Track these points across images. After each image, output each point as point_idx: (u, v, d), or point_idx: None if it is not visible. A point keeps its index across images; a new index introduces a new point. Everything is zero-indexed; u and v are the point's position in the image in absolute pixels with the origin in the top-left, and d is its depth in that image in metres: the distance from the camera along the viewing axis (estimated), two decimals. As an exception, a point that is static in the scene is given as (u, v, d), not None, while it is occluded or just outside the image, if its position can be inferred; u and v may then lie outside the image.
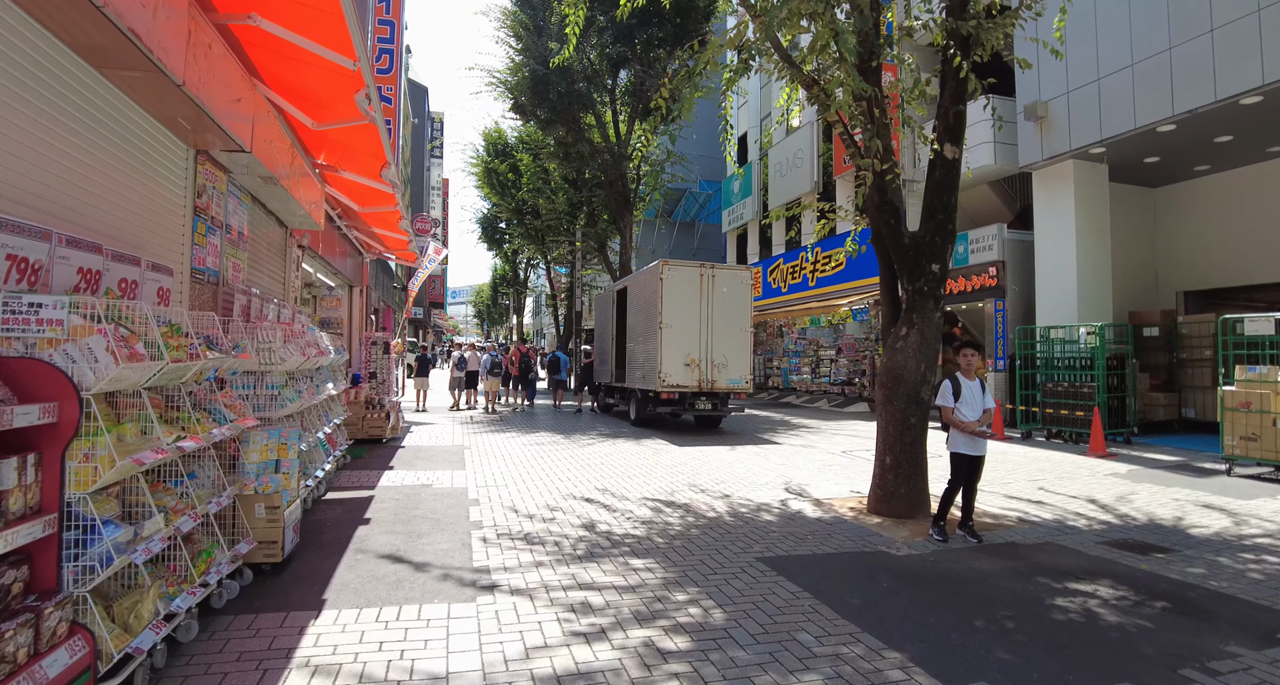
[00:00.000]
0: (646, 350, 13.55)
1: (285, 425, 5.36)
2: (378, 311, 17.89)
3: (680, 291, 12.96)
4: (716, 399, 13.30)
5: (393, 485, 7.68)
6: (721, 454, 10.53)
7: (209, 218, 5.41)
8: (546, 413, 17.21)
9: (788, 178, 23.32)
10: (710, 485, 8.03)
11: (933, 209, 6.88)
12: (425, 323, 46.40)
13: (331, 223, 11.11)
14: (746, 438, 12.67)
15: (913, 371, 6.79)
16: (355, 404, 10.61)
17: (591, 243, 23.53)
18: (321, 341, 7.61)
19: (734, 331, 13.27)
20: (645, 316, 13.72)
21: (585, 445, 11.23)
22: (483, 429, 13.31)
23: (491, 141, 28.62)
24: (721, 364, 13.12)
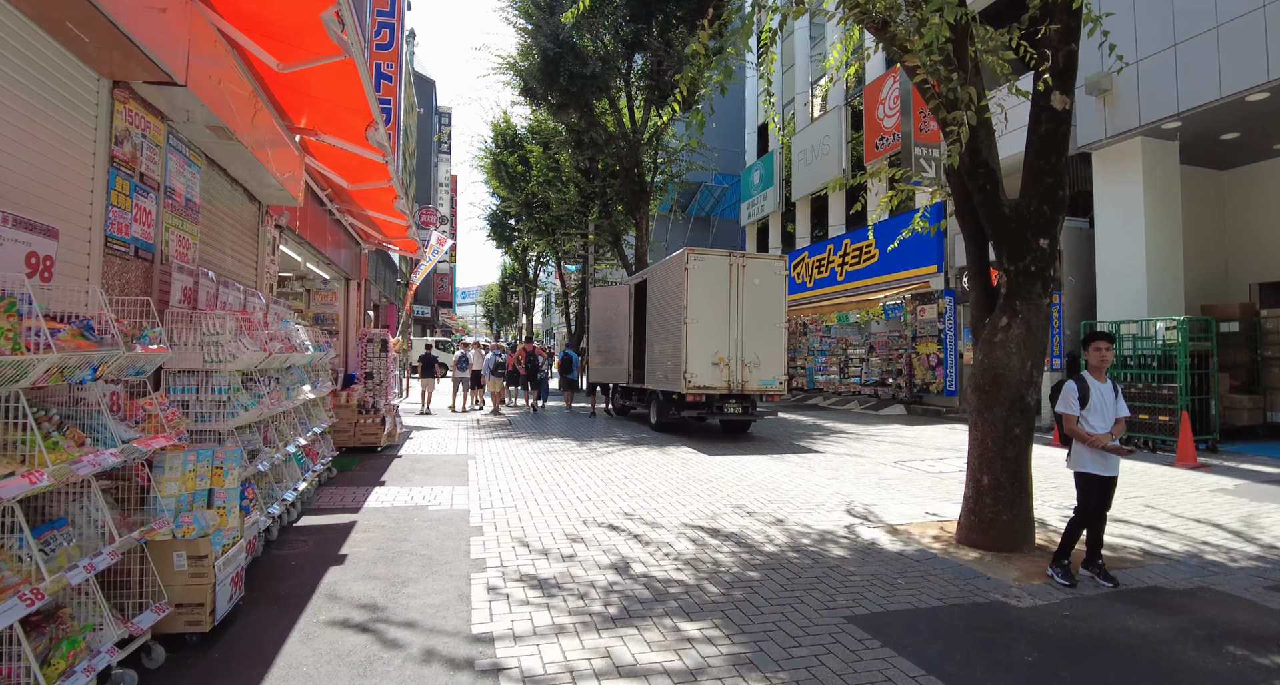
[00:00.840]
0: (669, 349, 12.31)
1: (229, 441, 4.15)
2: (378, 307, 16.72)
3: (707, 283, 11.71)
4: (746, 402, 12.03)
5: (381, 506, 6.46)
6: (760, 465, 9.26)
7: (136, 174, 4.21)
8: (558, 415, 15.99)
9: (813, 166, 22.02)
10: (758, 507, 6.77)
11: (1038, 172, 5.60)
12: (433, 322, 45.32)
13: (321, 206, 9.95)
14: (782, 445, 11.40)
15: (1016, 371, 5.51)
16: (346, 408, 9.43)
17: (605, 236, 22.29)
18: (296, 336, 6.41)
19: (766, 327, 12.01)
20: (667, 312, 12.47)
21: (603, 454, 10.00)
22: (489, 435, 12.10)
23: (500, 133, 27.45)
24: (753, 363, 11.86)
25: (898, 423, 15.37)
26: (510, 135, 27.49)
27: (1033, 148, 5.66)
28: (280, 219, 7.46)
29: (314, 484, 6.90)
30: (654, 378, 13.13)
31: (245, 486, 4.34)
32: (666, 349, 12.42)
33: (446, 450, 10.09)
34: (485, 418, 15.36)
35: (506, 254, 44.21)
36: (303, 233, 8.95)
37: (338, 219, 10.93)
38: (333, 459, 7.96)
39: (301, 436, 6.35)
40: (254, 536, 4.37)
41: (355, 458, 9.09)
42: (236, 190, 6.28)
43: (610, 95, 18.95)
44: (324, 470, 7.42)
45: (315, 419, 7.26)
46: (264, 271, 7.03)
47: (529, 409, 18.36)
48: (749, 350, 11.84)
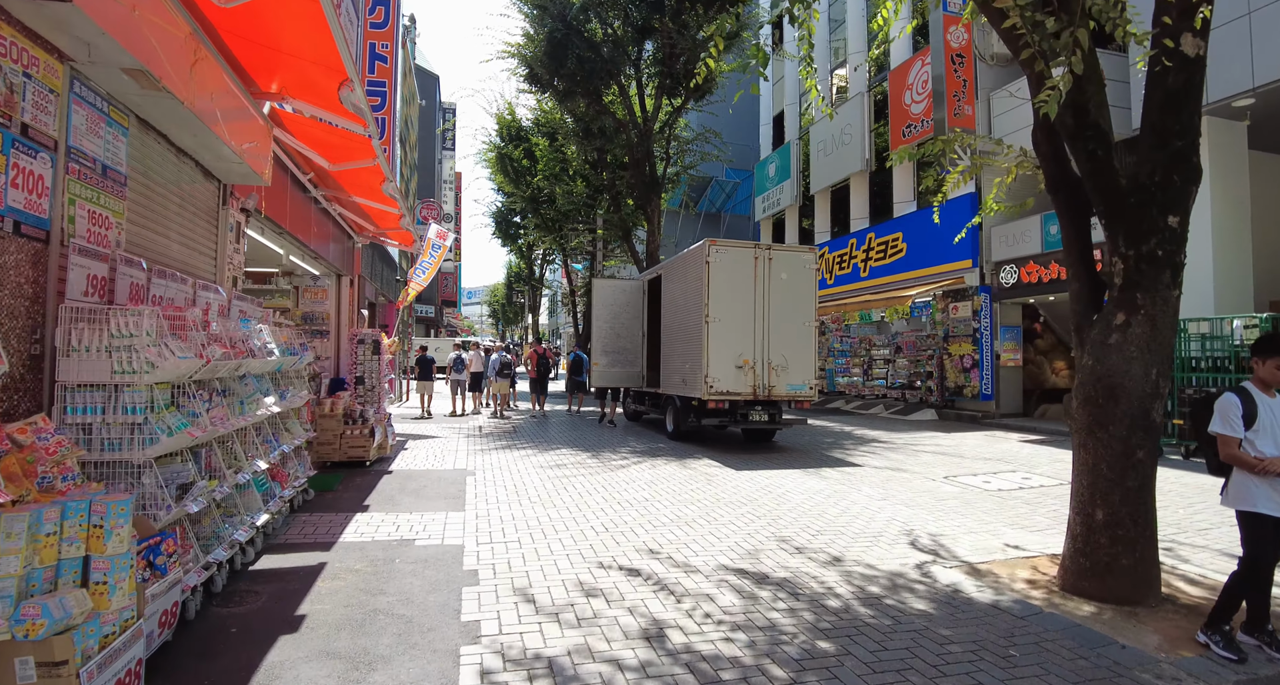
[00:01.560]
0: (687, 350, 11.26)
1: (146, 475, 3.13)
2: (374, 305, 15.73)
3: (730, 278, 10.64)
4: (773, 409, 10.96)
5: (360, 541, 5.43)
6: (796, 482, 8.20)
7: (13, 123, 3.19)
8: (563, 420, 14.97)
9: (833, 157, 20.92)
10: (806, 539, 5.71)
11: (1164, 133, 4.52)
12: (437, 321, 44.40)
13: (305, 193, 8.95)
14: (814, 456, 10.33)
15: (1139, 380, 4.44)
16: (329, 418, 8.41)
17: (614, 231, 21.24)
18: (257, 338, 5.38)
19: (796, 326, 10.94)
20: (686, 310, 11.42)
21: (617, 468, 8.95)
22: (491, 444, 11.07)
23: (505, 125, 26.43)
24: (780, 366, 10.79)
25: (931, 429, 14.27)
26: (515, 128, 26.46)
27: (1156, 103, 4.58)
28: (248, 202, 6.44)
29: (283, 511, 5.89)
30: (671, 382, 12.09)
31: (164, 537, 3.32)
32: (685, 350, 11.37)
33: (443, 464, 9.07)
34: (488, 423, 14.35)
35: (512, 252, 43.27)
36: (282, 221, 7.94)
37: (325, 209, 9.93)
38: (310, 478, 6.94)
39: (265, 457, 5.33)
40: (172, 605, 3.34)
41: (338, 475, 8.08)
42: (185, 163, 5.26)
43: (620, 81, 17.90)
44: (298, 493, 6.41)
45: (288, 434, 6.24)
46: (225, 262, 6.02)
47: (535, 413, 17.36)
48: (776, 352, 10.78)
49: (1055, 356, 16.51)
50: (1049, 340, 16.47)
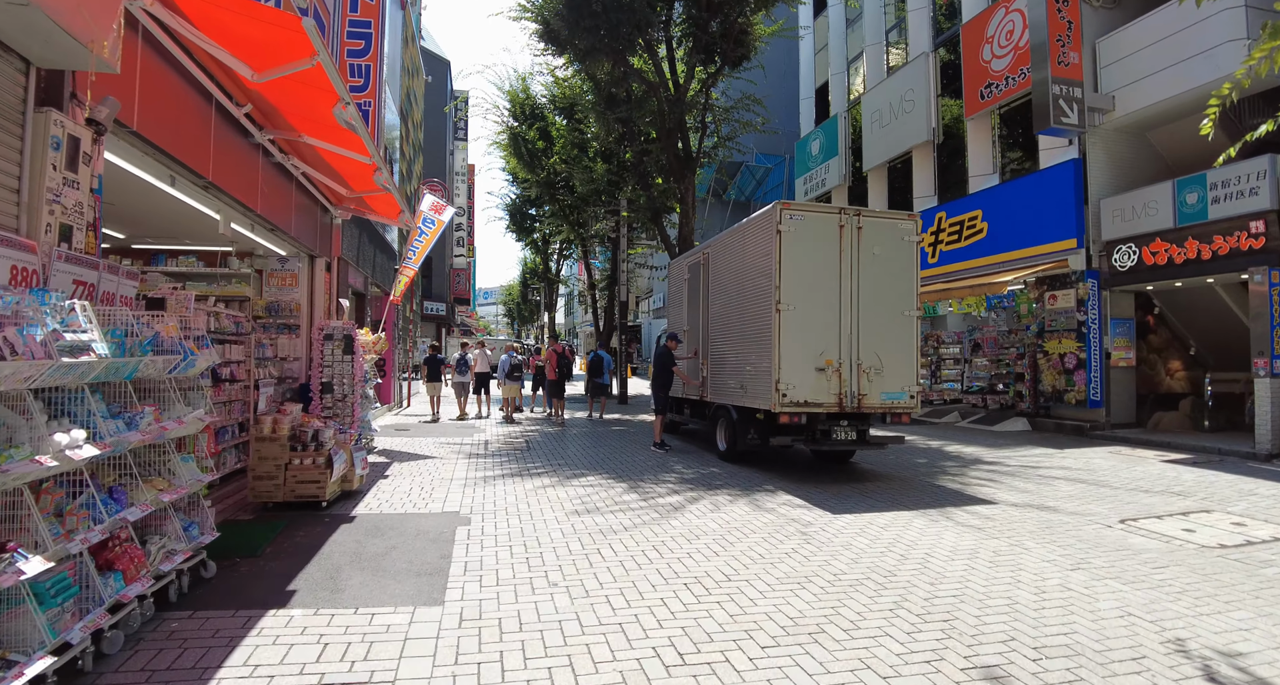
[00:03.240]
0: (747, 348, 8.80)
1: None
2: (363, 297, 13.39)
3: (809, 253, 8.16)
4: (863, 424, 8.46)
5: (246, 686, 3.03)
6: (926, 534, 5.70)
7: None
8: (584, 431, 12.53)
9: (890, 128, 18.32)
10: (1022, 668, 3.22)
11: None
12: (449, 320, 42.24)
13: (246, 138, 6.60)
14: (919, 486, 7.81)
15: None
16: (269, 442, 6.03)
17: (642, 214, 18.74)
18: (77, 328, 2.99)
19: (892, 316, 8.44)
20: (744, 296, 8.95)
21: (668, 511, 6.49)
22: (497, 468, 8.66)
23: (518, 104, 24.06)
24: (874, 369, 8.29)
25: (1032, 443, 11.65)
26: (529, 105, 24.07)
27: None
28: (100, 109, 4.04)
29: (135, 617, 3.50)
30: (723, 388, 9.61)
31: None
32: (744, 348, 8.90)
33: (430, 502, 6.66)
34: (496, 433, 11.95)
35: (527, 247, 40.99)
36: (199, 166, 5.59)
37: (280, 164, 7.58)
38: (219, 538, 4.54)
39: (84, 529, 2.94)
40: None
41: (278, 523, 5.70)
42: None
43: (649, 38, 15.42)
44: (179, 574, 4.01)
45: (155, 483, 3.85)
46: (38, 200, 3.62)
47: (555, 419, 15.02)
48: (867, 350, 8.27)
49: (1170, 355, 13.82)
50: (1163, 336, 13.78)
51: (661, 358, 10.67)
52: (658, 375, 10.63)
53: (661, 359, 10.67)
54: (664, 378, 10.61)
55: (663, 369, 10.61)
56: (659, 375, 10.60)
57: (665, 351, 10.69)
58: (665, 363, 10.64)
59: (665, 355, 10.67)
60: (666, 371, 10.62)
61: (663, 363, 10.64)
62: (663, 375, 10.61)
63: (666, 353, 10.68)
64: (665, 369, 10.61)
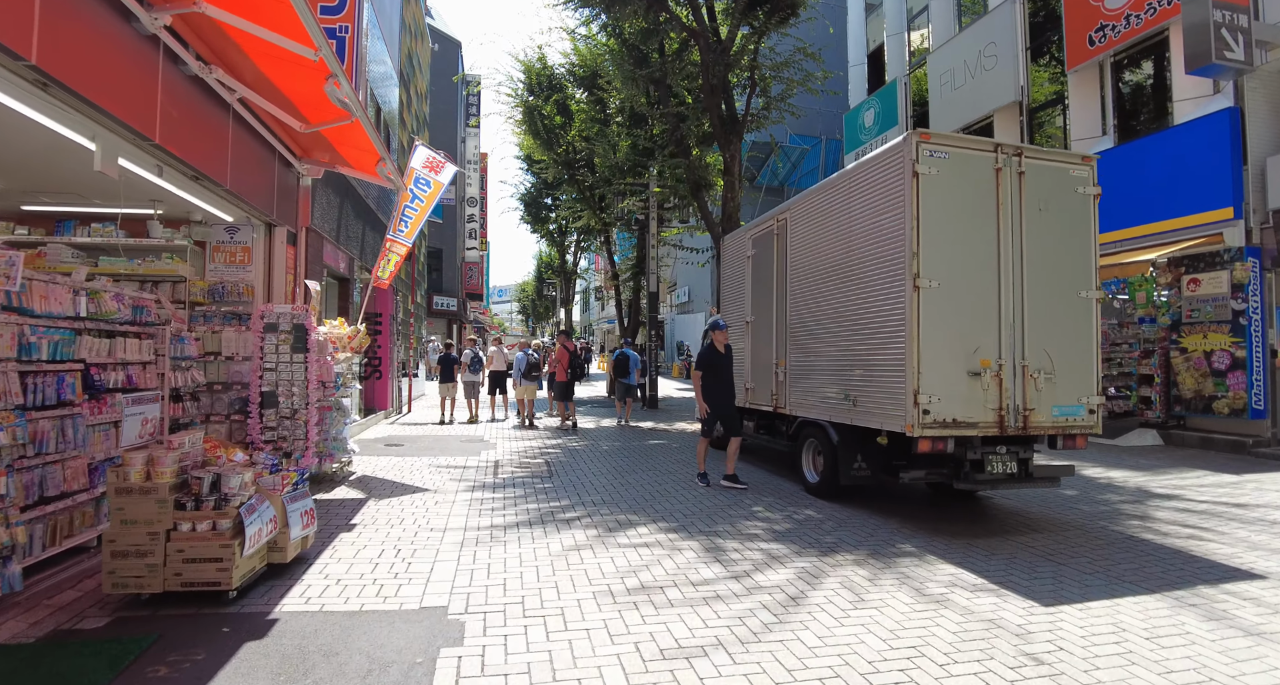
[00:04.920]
0: (857, 344, 6.38)
1: None
2: (348, 282, 11.05)
3: (956, 206, 5.71)
4: (1026, 450, 5.98)
5: None
6: (1236, 651, 3.24)
7: None
8: (616, 443, 10.11)
9: (965, 90, 15.75)
10: None
11: None
12: (460, 316, 40.02)
13: (131, 25, 4.29)
14: (1110, 541, 5.32)
15: None
16: (140, 495, 3.68)
17: (679, 187, 16.22)
18: None
19: (1065, 297, 5.98)
20: (851, 270, 6.51)
21: (784, 606, 4.06)
22: (509, 510, 6.27)
23: (534, 75, 21.71)
24: (1043, 372, 5.83)
25: (1187, 464, 9.08)
26: (546, 77, 21.72)
27: None
28: None
29: None
30: (811, 398, 7.16)
31: None
32: (851, 344, 6.45)
33: (405, 584, 4.28)
34: (508, 452, 9.58)
35: (542, 238, 38.67)
36: (19, 45, 3.27)
37: (201, 81, 5.25)
38: None
39: None
40: None
41: (144, 639, 3.35)
42: None
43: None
44: None
45: None
46: None
47: (565, 425, 12.79)
48: (1034, 345, 5.81)
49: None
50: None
51: (707, 358, 7.46)
52: (705, 383, 7.43)
53: (707, 358, 7.46)
54: (714, 385, 7.41)
55: (710, 373, 7.40)
56: (708, 382, 7.42)
57: (710, 350, 7.45)
58: (713, 363, 7.39)
59: (711, 354, 7.42)
60: (717, 376, 7.41)
61: (708, 363, 7.41)
62: (714, 382, 7.40)
63: (712, 351, 7.42)
64: (714, 372, 7.40)
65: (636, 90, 14.93)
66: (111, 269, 6.78)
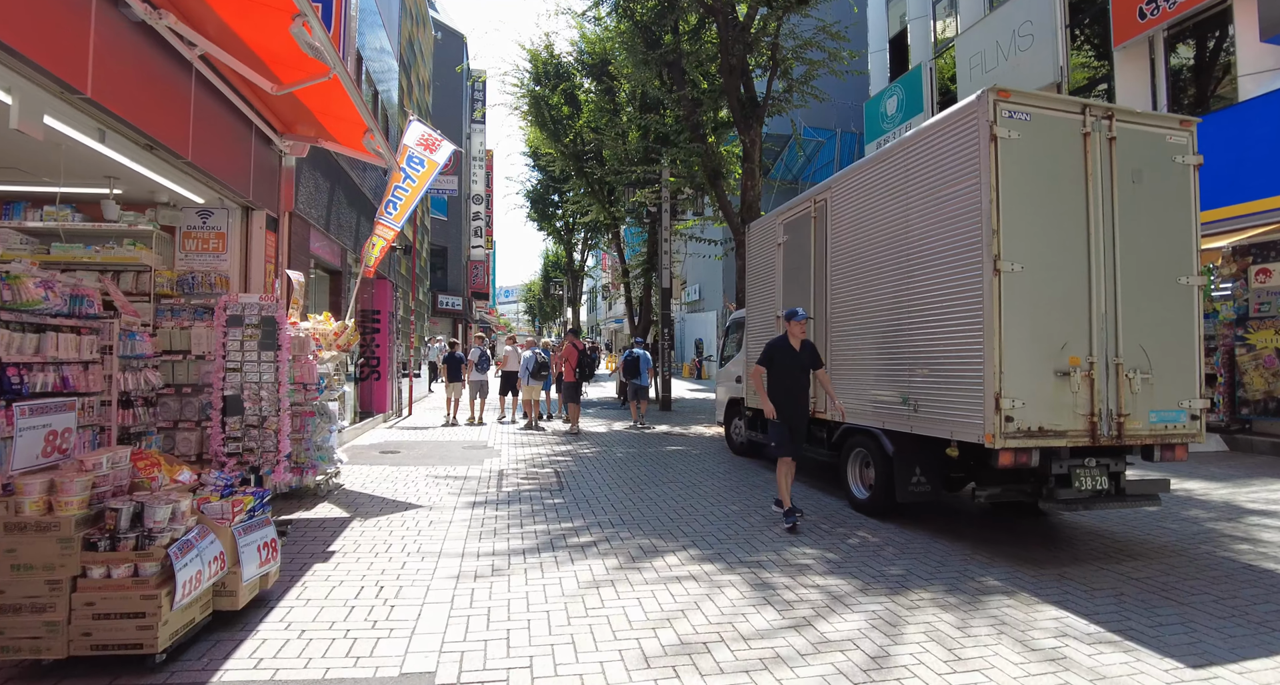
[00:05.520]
0: (919, 340, 5.53)
1: None
2: (338, 274, 10.23)
3: (1039, 177, 4.85)
4: (1119, 462, 5.11)
5: None
6: None
7: None
8: (631, 449, 9.26)
9: (998, 72, 14.84)
10: None
11: None
12: (465, 315, 39.26)
13: None
14: (1228, 573, 4.44)
15: None
16: (36, 534, 2.86)
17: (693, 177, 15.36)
18: None
19: (1162, 284, 5.11)
20: (910, 255, 5.66)
21: (861, 668, 3.22)
22: (514, 531, 5.44)
23: (540, 63, 20.92)
24: (1139, 371, 4.95)
25: (1266, 473, 8.17)
26: (553, 66, 20.93)
27: None
28: None
29: None
30: (864, 401, 6.27)
31: None
32: (910, 340, 5.59)
33: (385, 638, 3.45)
34: (514, 459, 8.76)
35: (549, 235, 37.89)
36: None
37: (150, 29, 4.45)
38: None
39: None
40: None
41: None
42: None
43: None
44: None
45: None
46: None
47: (573, 430, 12.04)
48: (1130, 340, 4.94)
49: None
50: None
51: (775, 353, 5.75)
52: (774, 385, 5.72)
53: (775, 354, 5.74)
54: (782, 392, 5.70)
55: (777, 374, 5.72)
56: (777, 385, 5.70)
57: (781, 344, 5.76)
58: (783, 363, 5.72)
59: (780, 351, 5.72)
60: (786, 379, 5.70)
61: (774, 358, 5.73)
62: (783, 388, 5.70)
63: (783, 346, 5.74)
64: (783, 375, 5.71)
65: (650, 73, 14.08)
66: (65, 256, 6.00)
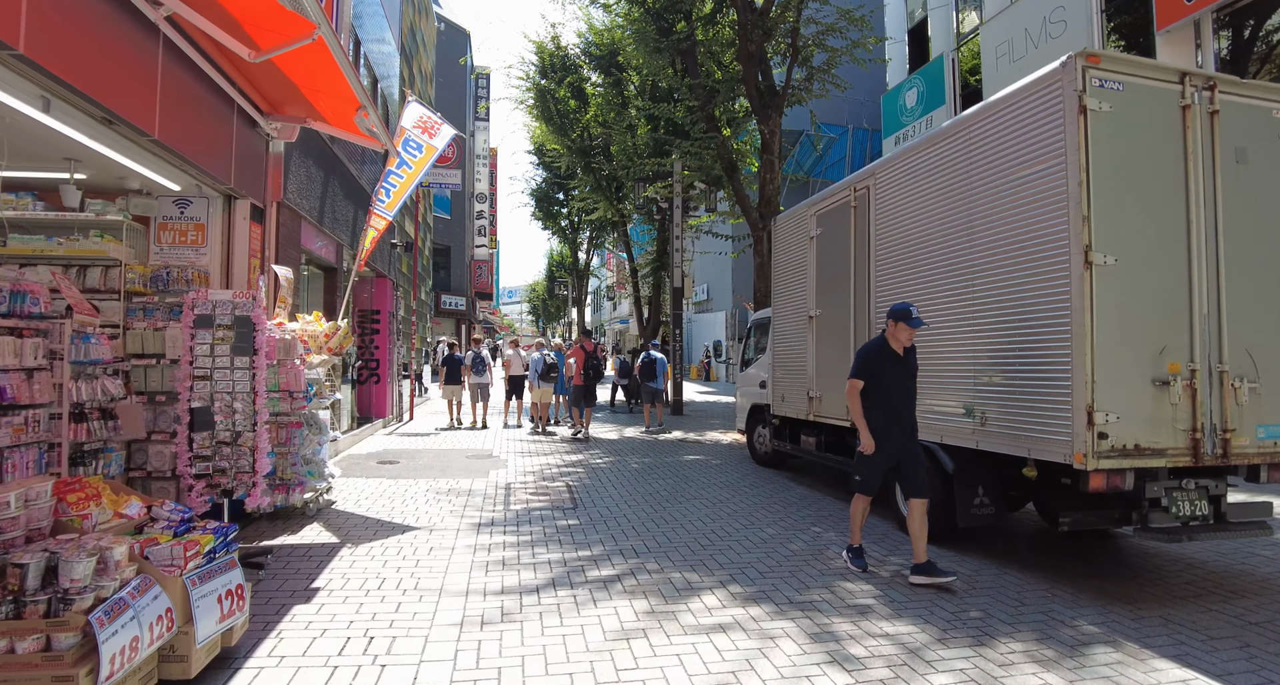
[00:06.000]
0: (983, 343, 4.88)
1: None
2: (333, 271, 9.59)
3: (1133, 155, 4.19)
4: (1220, 485, 4.44)
5: None
6: None
7: None
8: (649, 458, 8.61)
9: (1027, 62, 14.14)
10: None
11: None
12: (468, 315, 38.66)
13: None
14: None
15: None
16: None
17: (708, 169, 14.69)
18: None
19: (1270, 278, 4.43)
20: (975, 246, 5.00)
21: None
22: (526, 560, 4.79)
23: (546, 55, 20.30)
24: (1245, 380, 4.28)
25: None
26: (559, 58, 20.32)
27: None
28: None
29: None
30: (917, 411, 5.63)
31: None
32: (974, 343, 4.93)
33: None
34: (521, 471, 8.13)
35: (554, 234, 37.26)
36: None
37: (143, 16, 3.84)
38: None
39: None
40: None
41: None
42: None
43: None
44: None
45: None
46: None
47: (580, 434, 11.52)
48: (1234, 343, 4.28)
49: None
50: None
51: (874, 362, 4.51)
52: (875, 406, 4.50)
53: (874, 362, 4.50)
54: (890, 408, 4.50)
55: (879, 387, 4.49)
56: (880, 405, 4.49)
57: (881, 349, 4.53)
58: (879, 372, 4.48)
59: (882, 357, 4.51)
60: (898, 392, 4.51)
61: (874, 368, 4.49)
62: (894, 403, 4.51)
63: (883, 351, 4.53)
64: (885, 388, 4.48)
65: (663, 61, 13.45)
66: (24, 249, 5.39)
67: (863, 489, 4.67)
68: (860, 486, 4.68)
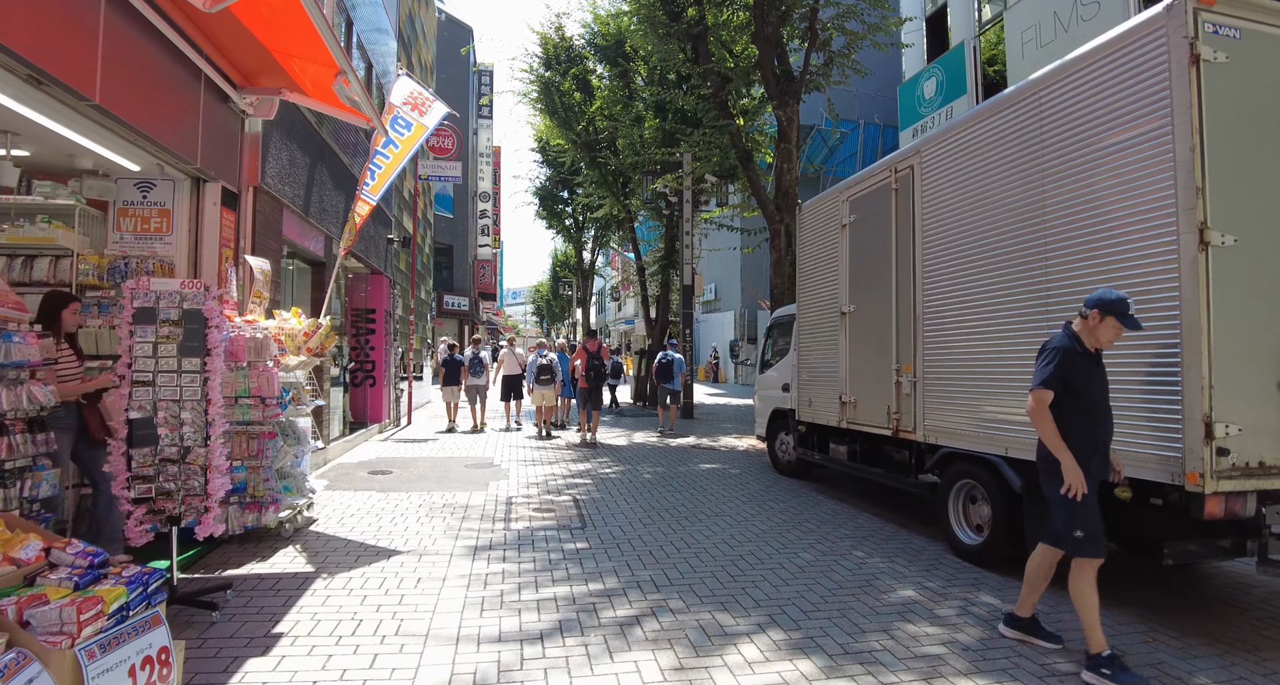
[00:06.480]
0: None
1: None
2: (321, 266, 8.94)
3: (1252, 117, 3.50)
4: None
5: None
6: None
7: None
8: (662, 467, 7.92)
9: (1055, 48, 13.43)
10: None
11: None
12: (471, 316, 38.04)
13: None
14: None
15: None
16: None
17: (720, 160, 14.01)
18: None
19: None
20: (1047, 230, 4.32)
21: None
22: (528, 599, 4.13)
23: (550, 46, 19.64)
24: (1385, 384, 3.59)
25: None
26: (564, 50, 19.66)
27: None
28: None
29: None
30: (976, 420, 4.93)
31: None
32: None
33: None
34: (523, 483, 7.47)
35: (559, 233, 36.58)
36: None
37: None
38: None
39: None
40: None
41: None
42: None
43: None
44: None
45: None
46: None
47: (588, 438, 10.96)
48: (1371, 341, 3.59)
49: None
50: None
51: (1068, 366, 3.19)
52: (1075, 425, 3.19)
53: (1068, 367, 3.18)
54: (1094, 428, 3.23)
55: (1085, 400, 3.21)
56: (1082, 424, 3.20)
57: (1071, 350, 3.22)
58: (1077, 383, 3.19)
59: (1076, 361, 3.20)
60: (1100, 406, 3.27)
61: (1068, 377, 3.18)
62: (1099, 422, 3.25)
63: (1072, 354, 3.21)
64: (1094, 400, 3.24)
65: (673, 47, 12.80)
66: (-39, 237, 4.78)
67: (1092, 550, 3.16)
68: (1088, 547, 3.16)
